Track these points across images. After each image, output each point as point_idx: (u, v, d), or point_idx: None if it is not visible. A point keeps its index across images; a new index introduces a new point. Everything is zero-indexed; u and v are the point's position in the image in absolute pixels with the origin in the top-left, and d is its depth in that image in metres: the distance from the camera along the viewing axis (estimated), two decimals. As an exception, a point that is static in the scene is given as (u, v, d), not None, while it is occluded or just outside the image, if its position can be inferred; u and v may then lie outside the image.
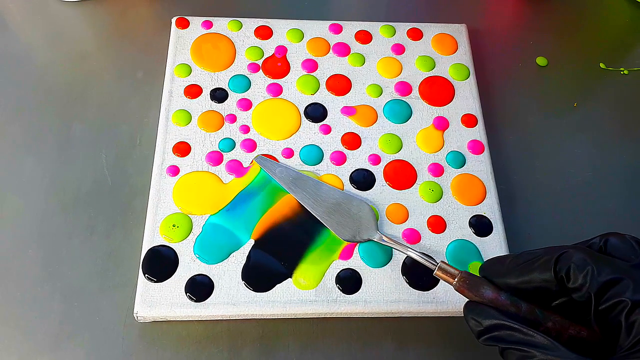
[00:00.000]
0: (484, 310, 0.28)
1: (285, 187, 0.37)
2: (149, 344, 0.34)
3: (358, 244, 0.36)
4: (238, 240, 0.36)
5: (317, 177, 0.38)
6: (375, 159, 0.40)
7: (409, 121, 0.42)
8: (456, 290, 0.30)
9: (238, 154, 0.39)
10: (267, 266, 0.35)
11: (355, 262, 0.36)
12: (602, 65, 0.48)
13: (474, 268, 0.36)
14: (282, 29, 0.45)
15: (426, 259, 0.32)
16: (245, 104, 0.41)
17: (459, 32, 0.46)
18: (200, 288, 0.34)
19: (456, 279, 0.30)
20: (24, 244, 0.37)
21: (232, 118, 0.41)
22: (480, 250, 0.37)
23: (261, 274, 0.35)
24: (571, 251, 0.27)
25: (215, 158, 0.39)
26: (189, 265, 0.35)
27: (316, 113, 0.41)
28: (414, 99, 0.43)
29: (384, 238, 0.35)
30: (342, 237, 0.36)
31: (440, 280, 0.35)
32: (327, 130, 0.41)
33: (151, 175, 0.38)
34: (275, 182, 0.38)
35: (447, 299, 0.35)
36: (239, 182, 0.38)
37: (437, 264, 0.31)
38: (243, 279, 0.34)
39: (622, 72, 0.48)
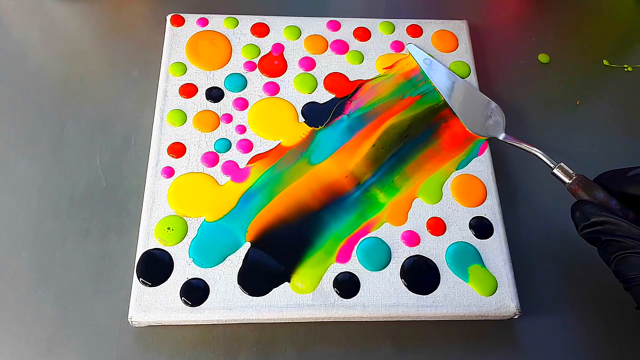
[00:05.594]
0: (593, 206, 0.30)
1: (428, 76, 0.41)
2: (144, 349, 0.34)
3: (357, 246, 0.36)
4: (234, 243, 0.35)
5: None
6: (374, 160, 0.39)
7: (408, 120, 0.41)
8: (569, 188, 0.33)
9: (234, 154, 0.38)
10: (264, 270, 0.34)
11: (353, 265, 0.35)
12: (605, 62, 0.47)
13: (474, 271, 0.35)
14: (279, 27, 0.44)
15: (548, 157, 0.35)
16: (242, 104, 0.40)
17: (460, 28, 0.45)
18: (195, 292, 0.33)
19: (572, 179, 0.33)
20: (17, 246, 0.36)
21: (228, 118, 0.40)
22: (481, 252, 0.36)
23: (257, 278, 0.34)
24: None
25: (210, 159, 0.38)
26: (184, 269, 0.34)
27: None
28: (414, 98, 0.42)
29: (509, 138, 0.38)
30: (471, 129, 0.39)
31: (440, 284, 0.35)
32: (325, 130, 0.40)
33: (146, 176, 0.37)
34: (279, 174, 0.37)
35: (446, 303, 0.34)
36: (237, 187, 0.37)
37: (558, 163, 0.34)
38: (239, 283, 0.34)
39: (625, 69, 0.47)
